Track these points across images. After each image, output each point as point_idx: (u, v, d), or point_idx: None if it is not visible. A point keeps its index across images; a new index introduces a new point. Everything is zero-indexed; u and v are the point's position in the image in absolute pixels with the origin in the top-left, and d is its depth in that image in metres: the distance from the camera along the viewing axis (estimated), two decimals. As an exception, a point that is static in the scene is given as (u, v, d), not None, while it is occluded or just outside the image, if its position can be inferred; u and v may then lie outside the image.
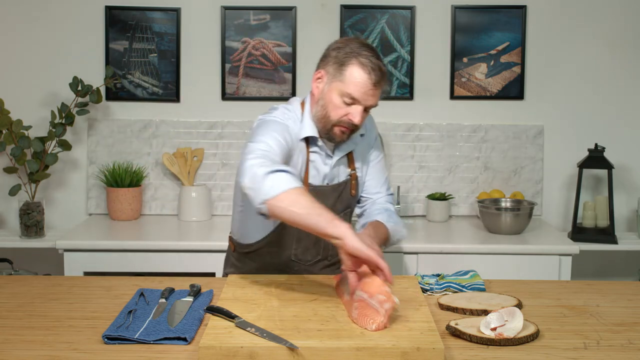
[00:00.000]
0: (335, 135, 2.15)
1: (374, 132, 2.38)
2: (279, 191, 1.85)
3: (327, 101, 2.13)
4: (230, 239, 2.41)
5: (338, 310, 1.89)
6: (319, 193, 2.20)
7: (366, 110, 2.14)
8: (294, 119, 2.18)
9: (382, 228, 2.23)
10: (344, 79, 2.09)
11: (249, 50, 3.49)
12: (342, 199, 2.27)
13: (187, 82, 3.53)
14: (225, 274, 2.43)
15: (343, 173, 2.27)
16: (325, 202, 2.17)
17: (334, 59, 2.12)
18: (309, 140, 2.20)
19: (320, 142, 2.20)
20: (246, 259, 2.34)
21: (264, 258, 2.29)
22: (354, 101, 2.10)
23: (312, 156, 2.21)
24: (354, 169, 2.28)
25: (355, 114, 2.10)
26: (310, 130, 2.18)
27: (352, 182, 2.28)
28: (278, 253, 2.28)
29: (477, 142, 3.53)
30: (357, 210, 2.38)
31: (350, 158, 2.28)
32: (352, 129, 2.15)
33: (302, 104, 2.23)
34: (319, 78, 2.16)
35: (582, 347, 1.73)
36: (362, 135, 2.30)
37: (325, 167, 2.23)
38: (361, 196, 2.36)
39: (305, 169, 2.20)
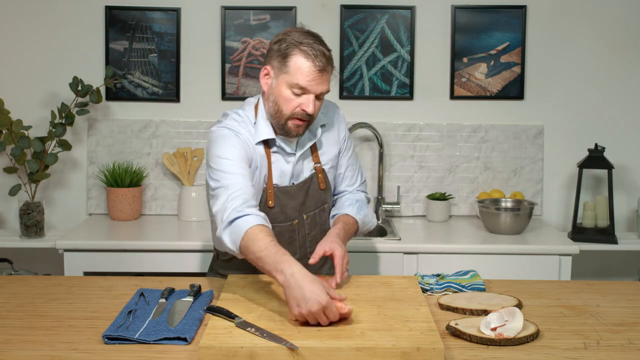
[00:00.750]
0: (291, 130, 2.13)
1: (341, 125, 2.34)
2: (237, 246, 1.95)
3: (277, 95, 2.12)
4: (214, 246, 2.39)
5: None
6: (286, 193, 2.22)
7: (319, 98, 2.12)
8: (246, 123, 2.18)
9: (350, 221, 2.29)
10: (289, 70, 2.07)
11: (249, 50, 3.49)
12: (311, 195, 2.26)
13: (187, 82, 3.53)
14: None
15: (307, 168, 2.26)
16: (293, 201, 2.23)
17: (276, 52, 2.11)
18: (268, 142, 2.19)
19: (278, 142, 2.19)
20: (227, 265, 2.32)
21: (243, 264, 2.11)
22: (303, 91, 2.08)
23: (274, 157, 2.20)
24: (318, 162, 2.27)
25: (307, 103, 2.09)
26: (266, 133, 2.16)
27: (319, 176, 2.27)
28: None
29: (477, 142, 3.53)
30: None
31: (314, 152, 2.27)
32: (307, 120, 2.12)
33: (257, 105, 2.22)
34: (266, 74, 2.16)
35: (582, 347, 1.73)
36: (322, 125, 2.28)
37: (288, 165, 2.21)
38: (337, 186, 2.37)
39: (268, 171, 2.19)
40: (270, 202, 2.20)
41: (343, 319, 1.79)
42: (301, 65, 2.06)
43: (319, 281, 1.81)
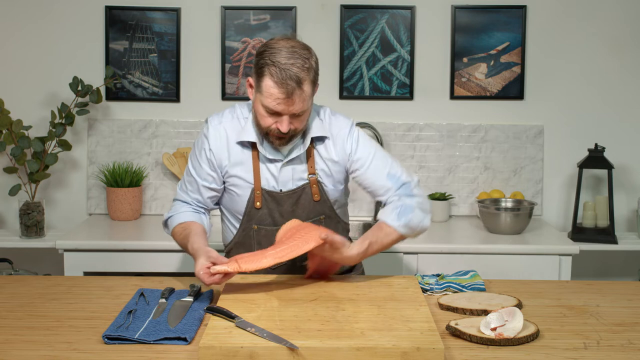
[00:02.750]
0: (273, 142, 2.16)
1: (350, 142, 2.26)
2: (169, 234, 2.34)
3: (256, 110, 2.14)
4: None
5: (338, 310, 1.89)
6: (273, 198, 2.22)
7: (297, 115, 2.09)
8: (236, 123, 2.23)
9: (384, 229, 2.18)
10: (261, 91, 2.08)
11: (249, 50, 3.49)
12: (302, 205, 2.24)
13: (187, 82, 3.53)
14: None
15: (299, 178, 2.23)
16: (281, 207, 2.22)
17: (255, 67, 2.11)
18: (255, 145, 2.20)
19: (259, 147, 2.19)
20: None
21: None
22: (274, 112, 2.08)
23: (262, 159, 2.21)
24: (313, 173, 2.23)
25: (280, 122, 2.09)
26: (250, 135, 2.19)
27: (313, 187, 2.24)
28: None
29: (477, 142, 3.53)
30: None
31: (310, 162, 2.23)
32: (291, 134, 2.13)
33: None
34: (249, 86, 2.17)
35: (582, 347, 1.73)
36: (323, 138, 2.24)
37: (273, 171, 2.21)
38: (373, 197, 2.32)
39: (255, 172, 2.20)
40: (257, 203, 2.22)
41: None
42: (269, 89, 2.05)
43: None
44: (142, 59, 3.51)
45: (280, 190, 2.22)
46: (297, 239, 2.03)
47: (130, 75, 3.51)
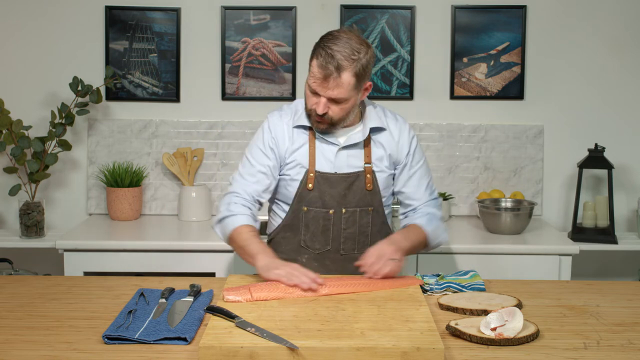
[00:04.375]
0: (313, 124, 2.27)
1: (407, 142, 2.38)
2: (226, 238, 2.29)
3: (305, 91, 2.27)
4: None
5: (338, 310, 1.89)
6: (326, 180, 2.29)
7: (337, 102, 2.19)
8: (292, 113, 2.35)
9: (416, 230, 2.31)
10: (310, 71, 2.21)
11: (249, 50, 3.49)
12: (354, 191, 2.31)
13: (187, 82, 3.53)
14: None
15: (355, 164, 2.31)
16: (333, 190, 2.29)
17: (312, 49, 2.23)
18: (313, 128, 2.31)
19: (315, 130, 2.30)
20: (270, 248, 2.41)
21: (280, 245, 2.38)
22: (314, 91, 2.20)
23: (318, 143, 2.30)
24: (369, 162, 2.32)
25: (318, 104, 2.20)
26: (304, 120, 2.31)
27: (367, 176, 2.31)
28: (290, 239, 2.36)
29: (477, 142, 3.53)
30: (400, 212, 2.44)
31: (367, 151, 2.32)
32: (329, 121, 2.23)
33: None
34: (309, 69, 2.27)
35: (582, 347, 1.73)
36: (379, 129, 2.33)
37: (330, 154, 2.30)
38: (403, 201, 2.41)
39: (310, 154, 2.29)
40: (310, 184, 2.30)
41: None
42: (313, 68, 2.19)
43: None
44: (142, 59, 3.51)
45: (335, 173, 2.29)
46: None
47: (130, 75, 3.51)
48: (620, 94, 3.53)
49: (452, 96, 3.53)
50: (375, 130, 2.33)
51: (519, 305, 1.99)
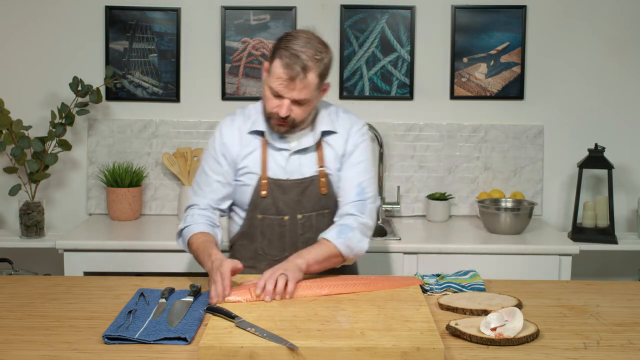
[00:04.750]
0: (273, 127, 2.24)
1: (355, 135, 2.32)
2: (186, 249, 2.30)
3: (263, 93, 2.24)
4: None
5: (338, 310, 1.89)
6: (279, 187, 2.26)
7: (300, 103, 2.17)
8: (245, 118, 2.32)
9: (322, 246, 2.18)
10: (271, 72, 2.18)
11: (249, 50, 3.49)
12: (308, 196, 2.28)
13: (187, 82, 3.53)
14: None
15: (308, 168, 2.28)
16: (287, 196, 2.26)
17: (271, 51, 2.21)
18: (265, 134, 2.28)
19: (267, 136, 2.28)
20: (230, 255, 2.42)
21: (239, 252, 2.37)
22: (277, 94, 2.17)
23: (270, 149, 2.28)
24: (322, 165, 2.29)
25: (280, 106, 2.18)
26: (260, 125, 2.28)
27: (321, 180, 2.28)
28: (247, 246, 2.34)
29: (477, 142, 3.53)
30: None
31: (319, 155, 2.29)
32: (291, 123, 2.20)
33: None
34: (265, 70, 2.24)
35: (582, 347, 1.73)
36: (330, 132, 2.29)
37: (281, 160, 2.28)
38: (337, 198, 2.32)
39: (263, 161, 2.27)
40: (263, 192, 2.27)
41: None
42: (276, 69, 2.15)
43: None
44: (142, 59, 3.51)
45: (288, 179, 2.27)
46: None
47: (130, 75, 3.51)
48: (620, 94, 3.53)
49: (452, 96, 3.53)
50: (326, 132, 2.30)
51: (519, 305, 1.99)
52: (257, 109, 2.33)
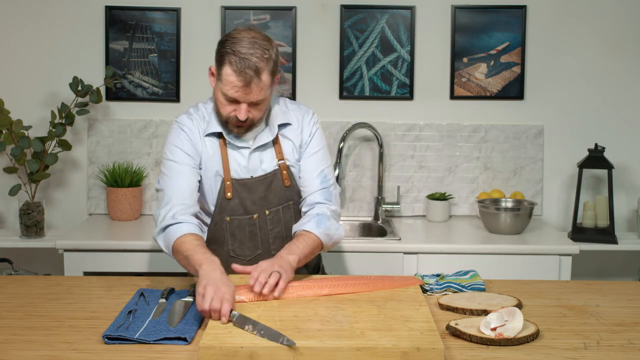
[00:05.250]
0: (232, 130, 2.21)
1: (308, 129, 2.32)
2: (169, 249, 2.15)
3: (215, 99, 2.20)
4: None
5: (338, 310, 1.89)
6: (244, 186, 2.25)
7: (256, 104, 2.15)
8: (199, 117, 2.28)
9: (305, 237, 2.18)
10: (221, 79, 2.14)
11: (249, 50, 3.49)
12: (274, 191, 2.28)
13: (187, 82, 3.53)
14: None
15: (269, 164, 2.28)
16: (253, 195, 2.25)
17: (216, 55, 2.17)
18: (222, 135, 2.25)
19: (226, 135, 2.24)
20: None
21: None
22: (233, 100, 2.14)
23: (229, 150, 2.25)
24: (282, 158, 2.29)
25: (238, 111, 2.15)
26: (216, 127, 2.24)
27: (283, 173, 2.29)
28: (217, 250, 2.26)
29: (477, 142, 3.53)
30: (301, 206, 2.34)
31: (277, 149, 2.29)
32: (249, 123, 2.18)
33: None
34: (211, 74, 2.22)
35: (582, 347, 1.73)
36: (285, 125, 2.30)
37: (242, 158, 2.26)
38: (300, 188, 2.32)
39: (223, 162, 2.24)
40: (228, 193, 2.25)
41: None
42: (228, 77, 2.11)
43: (227, 284, 1.89)
44: (142, 59, 3.51)
45: (252, 177, 2.26)
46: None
47: (130, 75, 3.51)
48: (620, 94, 3.53)
49: (452, 96, 3.53)
50: (281, 126, 2.30)
51: (519, 305, 1.99)
52: (209, 110, 2.29)
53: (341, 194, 2.91)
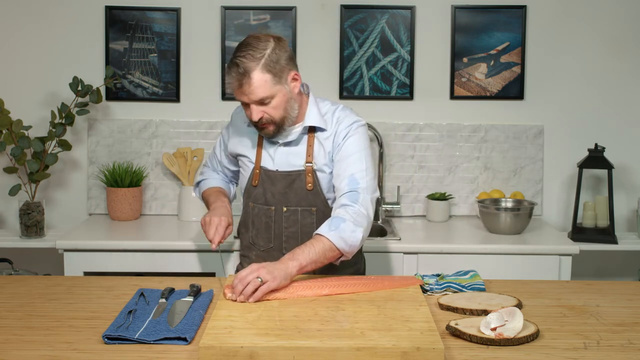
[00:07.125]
0: (261, 133, 2.30)
1: (345, 129, 2.28)
2: (198, 195, 2.62)
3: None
4: None
5: (338, 310, 1.89)
6: (269, 177, 2.33)
7: (264, 103, 2.19)
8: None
9: (316, 241, 2.12)
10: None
11: (249, 50, 3.49)
12: (295, 190, 2.30)
13: (187, 82, 3.53)
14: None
15: (296, 162, 2.31)
16: (275, 187, 2.32)
17: None
18: None
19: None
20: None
21: (241, 241, 2.48)
22: (245, 103, 2.22)
23: (264, 141, 2.35)
24: (310, 162, 2.30)
25: (251, 111, 2.22)
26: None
27: (308, 175, 2.30)
28: (244, 234, 2.44)
29: (477, 142, 3.53)
30: None
31: (309, 151, 2.30)
32: (269, 122, 2.22)
33: None
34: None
35: (582, 347, 1.73)
36: (320, 130, 2.30)
37: (272, 152, 2.33)
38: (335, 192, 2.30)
39: (258, 153, 2.35)
40: (255, 181, 2.35)
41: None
42: (228, 81, 2.22)
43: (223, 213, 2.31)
44: (142, 59, 3.51)
45: (277, 170, 2.32)
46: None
47: (130, 75, 3.51)
48: (620, 94, 3.53)
49: (452, 96, 3.53)
50: (316, 128, 2.30)
51: (519, 305, 1.99)
52: None
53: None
